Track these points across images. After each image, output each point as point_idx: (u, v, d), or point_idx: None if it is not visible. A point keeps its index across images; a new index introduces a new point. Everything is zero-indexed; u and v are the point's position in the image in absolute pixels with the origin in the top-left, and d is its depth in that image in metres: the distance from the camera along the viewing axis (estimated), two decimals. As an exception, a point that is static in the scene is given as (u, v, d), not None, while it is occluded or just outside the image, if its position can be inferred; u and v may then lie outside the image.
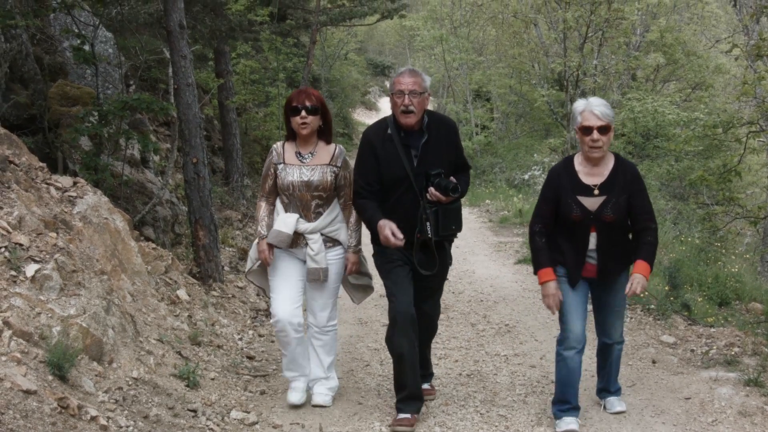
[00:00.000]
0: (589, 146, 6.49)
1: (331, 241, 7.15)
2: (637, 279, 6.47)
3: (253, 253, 7.32)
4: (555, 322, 8.96)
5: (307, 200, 7.00)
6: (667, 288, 11.49)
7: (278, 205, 7.15)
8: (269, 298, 7.32)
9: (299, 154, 7.04)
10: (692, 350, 8.99)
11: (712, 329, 9.74)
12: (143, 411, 5.94)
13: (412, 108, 6.66)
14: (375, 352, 8.94)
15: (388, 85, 68.62)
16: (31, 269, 5.91)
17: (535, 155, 29.23)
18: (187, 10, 11.54)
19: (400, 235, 6.57)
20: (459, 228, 6.97)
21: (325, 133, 7.15)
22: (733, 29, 25.23)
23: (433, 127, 6.89)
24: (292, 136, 7.11)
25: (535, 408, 7.34)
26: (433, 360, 8.15)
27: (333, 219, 7.13)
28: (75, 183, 8.02)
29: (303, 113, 6.86)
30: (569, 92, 23.14)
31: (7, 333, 5.23)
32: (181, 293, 9.02)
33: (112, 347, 6.32)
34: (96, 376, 5.88)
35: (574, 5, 22.42)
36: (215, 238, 10.88)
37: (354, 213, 7.18)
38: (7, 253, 5.82)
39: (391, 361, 6.92)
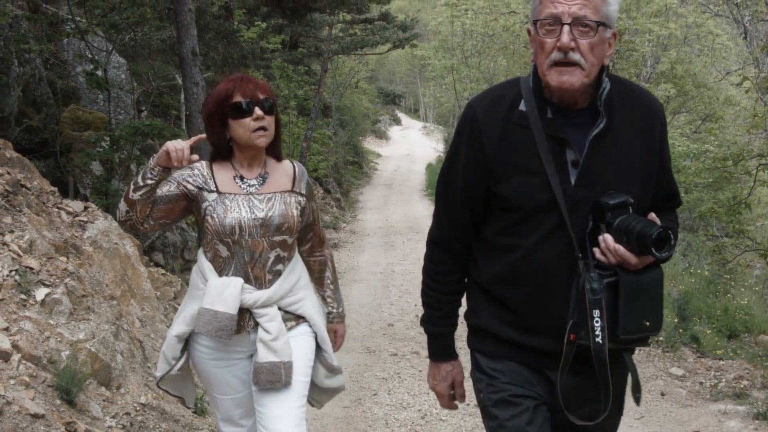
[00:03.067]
0: None
1: (292, 318, 4.29)
2: None
3: (169, 350, 4.30)
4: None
5: (263, 251, 4.14)
6: (676, 320, 11.48)
7: (203, 263, 4.23)
8: (196, 408, 5.00)
9: (242, 178, 4.23)
10: (701, 383, 8.98)
11: (721, 362, 9.73)
12: (150, 437, 5.95)
13: (576, 56, 3.12)
14: (383, 382, 8.91)
15: (398, 114, 67.91)
16: (41, 293, 5.92)
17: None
18: (199, 37, 11.64)
19: (464, 394, 3.69)
20: (657, 323, 3.27)
21: (276, 146, 4.36)
22: (744, 62, 25.27)
23: (619, 105, 3.29)
24: (223, 153, 4.26)
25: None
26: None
27: (295, 282, 4.30)
28: (86, 208, 8.05)
29: (258, 111, 4.09)
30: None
31: (16, 356, 5.24)
32: (190, 319, 9.01)
33: (121, 372, 6.33)
34: (104, 401, 5.88)
35: (585, 37, 22.53)
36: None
37: (330, 263, 4.71)
38: (17, 277, 5.83)
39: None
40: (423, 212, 30.09)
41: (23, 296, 5.78)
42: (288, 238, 4.19)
